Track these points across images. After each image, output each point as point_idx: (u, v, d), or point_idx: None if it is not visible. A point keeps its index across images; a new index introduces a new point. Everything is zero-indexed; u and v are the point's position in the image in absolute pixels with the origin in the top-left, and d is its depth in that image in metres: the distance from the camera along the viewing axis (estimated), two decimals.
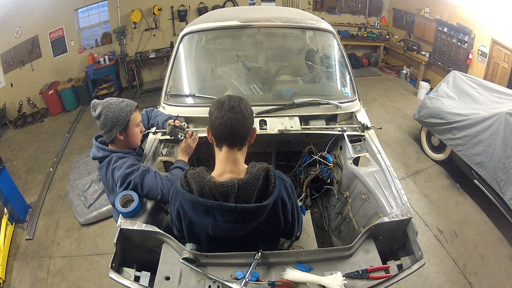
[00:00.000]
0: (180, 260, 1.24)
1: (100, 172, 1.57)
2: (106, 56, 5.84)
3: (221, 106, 1.13)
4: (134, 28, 6.01)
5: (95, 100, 1.57)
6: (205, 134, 1.27)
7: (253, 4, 5.98)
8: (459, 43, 5.08)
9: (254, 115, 1.98)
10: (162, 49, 6.26)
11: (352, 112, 2.13)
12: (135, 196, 1.42)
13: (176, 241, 1.29)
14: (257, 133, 1.91)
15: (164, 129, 1.84)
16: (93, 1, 5.65)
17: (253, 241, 1.26)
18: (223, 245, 1.25)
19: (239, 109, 1.12)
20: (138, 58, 6.06)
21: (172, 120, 1.78)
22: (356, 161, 1.86)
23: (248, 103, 1.18)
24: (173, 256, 1.29)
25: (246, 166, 1.20)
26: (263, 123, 2.00)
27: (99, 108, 1.53)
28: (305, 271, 1.23)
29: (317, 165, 2.05)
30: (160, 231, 1.32)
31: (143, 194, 1.47)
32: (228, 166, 1.17)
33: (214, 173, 1.19)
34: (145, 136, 1.81)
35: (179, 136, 1.75)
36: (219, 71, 2.55)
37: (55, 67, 5.63)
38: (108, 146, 1.59)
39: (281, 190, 1.19)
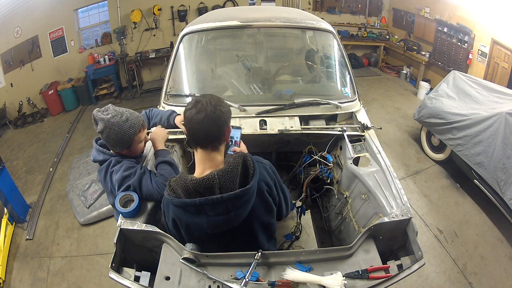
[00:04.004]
0: (180, 260, 1.24)
1: (99, 174, 1.57)
2: (106, 56, 5.84)
3: (192, 107, 1.14)
4: (134, 28, 6.01)
5: (96, 113, 1.48)
6: None
7: (253, 4, 5.97)
8: (459, 43, 5.08)
9: (254, 114, 2.02)
10: (162, 49, 6.26)
11: (352, 112, 2.13)
12: (135, 196, 1.42)
13: (176, 241, 1.29)
14: (257, 133, 1.94)
15: (171, 123, 1.84)
16: (93, 1, 5.65)
17: (251, 230, 1.27)
18: (225, 241, 1.26)
19: (207, 111, 1.12)
20: (138, 58, 6.06)
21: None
22: (356, 161, 1.86)
23: (220, 101, 1.17)
24: (173, 256, 1.29)
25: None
26: (263, 123, 2.00)
27: (100, 125, 1.45)
28: (305, 271, 1.23)
29: (317, 165, 2.05)
30: (160, 231, 1.32)
31: (142, 197, 1.47)
32: (206, 164, 1.19)
33: (196, 174, 1.21)
34: None
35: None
36: (219, 71, 2.55)
37: (55, 67, 5.63)
38: (109, 149, 1.59)
39: (262, 172, 1.22)
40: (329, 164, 1.97)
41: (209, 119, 1.12)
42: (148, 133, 1.83)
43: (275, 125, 1.97)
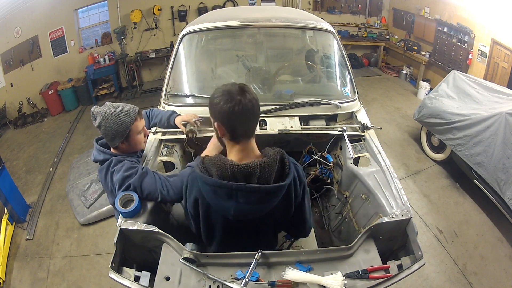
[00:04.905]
0: (180, 260, 1.24)
1: (100, 174, 1.57)
2: (106, 56, 5.84)
3: (230, 98, 1.09)
4: (134, 28, 6.01)
5: (94, 108, 1.53)
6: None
7: (253, 4, 5.97)
8: (459, 43, 5.08)
9: None
10: (162, 49, 6.26)
11: (352, 112, 2.13)
12: (135, 196, 1.42)
13: (176, 241, 1.29)
14: (257, 133, 1.93)
15: (171, 124, 1.84)
16: (93, 1, 5.65)
17: (264, 226, 1.28)
18: (238, 230, 1.26)
19: (249, 95, 1.11)
20: (138, 58, 6.06)
21: (193, 120, 1.80)
22: (356, 161, 1.86)
23: (250, 89, 1.16)
24: (173, 256, 1.29)
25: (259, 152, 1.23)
26: (263, 123, 2.00)
27: (98, 118, 1.49)
28: (305, 271, 1.23)
29: (317, 165, 2.05)
30: (160, 231, 1.32)
31: (143, 196, 1.46)
32: (245, 154, 1.18)
33: (234, 158, 1.19)
34: None
35: (194, 135, 1.76)
36: (219, 71, 2.55)
37: (55, 67, 5.63)
38: (109, 149, 1.59)
39: (295, 174, 1.22)
40: (329, 164, 1.97)
41: (255, 102, 1.12)
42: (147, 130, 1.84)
43: (275, 125, 1.97)
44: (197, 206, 1.22)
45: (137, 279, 1.26)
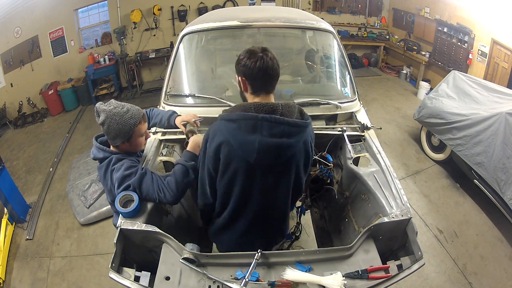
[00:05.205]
0: (180, 260, 1.24)
1: (99, 172, 1.57)
2: (106, 56, 5.84)
3: (253, 55, 1.21)
4: (134, 28, 6.02)
5: (99, 105, 1.52)
6: None
7: (253, 4, 5.98)
8: (459, 43, 5.08)
9: None
10: (162, 49, 6.26)
11: (352, 112, 2.13)
12: (135, 196, 1.42)
13: (176, 241, 1.29)
14: None
15: (171, 124, 1.84)
16: (93, 1, 5.65)
17: (285, 182, 1.33)
18: (258, 184, 1.29)
19: (270, 54, 1.23)
20: (138, 58, 6.06)
21: (193, 121, 1.80)
22: (356, 161, 1.86)
23: (269, 50, 1.27)
24: (173, 256, 1.29)
25: None
26: None
27: (102, 116, 1.48)
28: (305, 271, 1.23)
29: (317, 165, 2.04)
30: (160, 231, 1.32)
31: (142, 197, 1.46)
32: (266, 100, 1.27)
33: None
34: None
35: (193, 135, 1.76)
36: (219, 71, 2.55)
37: (55, 67, 5.63)
38: (109, 147, 1.59)
39: (310, 130, 1.33)
40: (329, 164, 1.96)
41: (275, 60, 1.25)
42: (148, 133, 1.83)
43: None
44: (219, 153, 1.24)
45: (137, 279, 1.26)
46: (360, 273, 1.23)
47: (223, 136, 1.22)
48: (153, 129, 1.91)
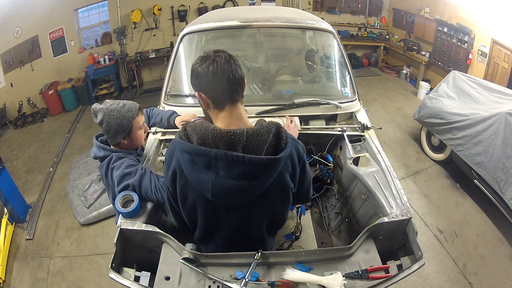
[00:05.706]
0: (180, 260, 1.24)
1: (100, 171, 1.57)
2: (106, 56, 5.84)
3: (204, 60, 1.02)
4: (134, 28, 6.01)
5: (95, 105, 1.54)
6: None
7: (253, 4, 5.99)
8: (459, 43, 5.08)
9: (254, 114, 2.02)
10: (162, 49, 6.26)
11: (352, 112, 2.13)
12: (135, 196, 1.42)
13: (176, 241, 1.29)
14: None
15: (171, 124, 1.84)
16: (93, 1, 5.65)
17: (253, 219, 1.15)
18: (221, 220, 1.13)
19: (224, 55, 1.02)
20: (138, 58, 6.06)
21: (193, 121, 1.79)
22: (356, 161, 1.86)
23: (227, 53, 1.06)
24: (173, 256, 1.29)
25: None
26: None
27: (100, 115, 1.50)
28: (305, 271, 1.23)
29: (317, 165, 2.05)
30: (160, 231, 1.32)
31: (141, 197, 1.46)
32: (233, 121, 1.05)
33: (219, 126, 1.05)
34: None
35: None
36: None
37: (55, 67, 5.62)
38: (109, 146, 1.59)
39: (293, 151, 1.08)
40: (329, 164, 1.97)
41: (234, 65, 1.02)
42: (148, 133, 1.83)
43: None
44: (175, 181, 1.09)
45: (137, 279, 1.26)
46: (360, 273, 1.23)
47: (178, 164, 1.04)
48: (153, 129, 1.91)
